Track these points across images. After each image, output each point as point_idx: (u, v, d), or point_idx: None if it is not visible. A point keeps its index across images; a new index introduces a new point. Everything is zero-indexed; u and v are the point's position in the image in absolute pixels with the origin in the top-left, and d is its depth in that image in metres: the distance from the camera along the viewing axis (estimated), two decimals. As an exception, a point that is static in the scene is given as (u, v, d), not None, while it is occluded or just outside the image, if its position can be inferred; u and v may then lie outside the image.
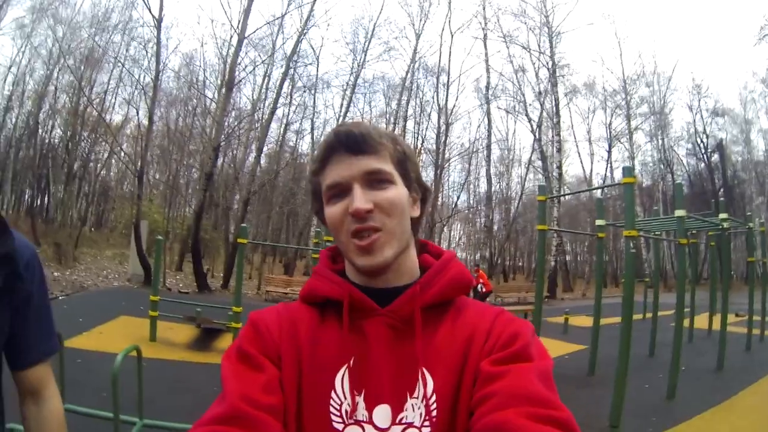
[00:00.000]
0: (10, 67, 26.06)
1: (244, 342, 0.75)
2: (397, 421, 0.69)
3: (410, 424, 0.69)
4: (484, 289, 14.66)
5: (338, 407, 0.70)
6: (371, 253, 0.74)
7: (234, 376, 0.69)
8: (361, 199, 0.74)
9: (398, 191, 0.77)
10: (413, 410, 0.69)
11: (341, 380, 0.72)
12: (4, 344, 1.04)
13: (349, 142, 0.76)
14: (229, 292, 16.49)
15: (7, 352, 1.06)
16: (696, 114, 33.78)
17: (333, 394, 0.71)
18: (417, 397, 0.70)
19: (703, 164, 34.50)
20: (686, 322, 8.10)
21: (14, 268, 1.00)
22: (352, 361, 0.73)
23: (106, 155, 31.43)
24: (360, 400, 0.70)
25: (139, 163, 18.24)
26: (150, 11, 17.33)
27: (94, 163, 31.55)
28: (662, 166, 33.56)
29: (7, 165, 27.64)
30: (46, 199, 29.71)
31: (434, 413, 0.69)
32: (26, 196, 32.10)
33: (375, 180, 0.76)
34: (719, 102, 34.11)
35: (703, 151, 34.11)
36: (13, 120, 27.18)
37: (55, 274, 15.92)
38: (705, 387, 6.86)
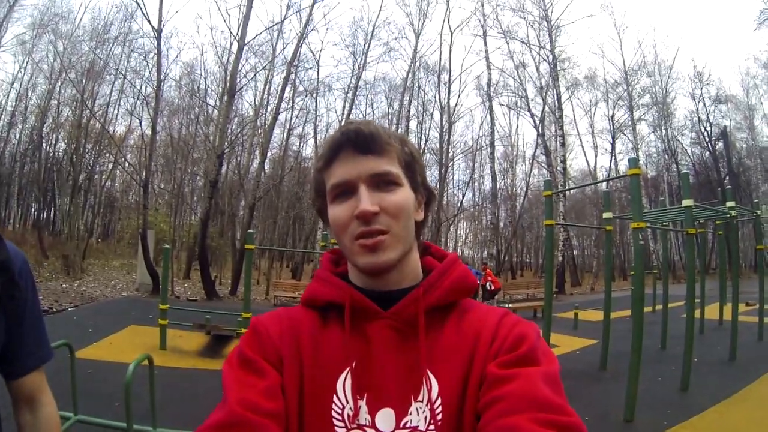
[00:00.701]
0: (12, 83, 26.35)
1: (245, 347, 0.74)
2: (401, 425, 0.68)
3: (415, 429, 0.67)
4: (492, 287, 14.61)
5: (340, 411, 0.69)
6: (375, 252, 0.72)
7: (235, 382, 0.68)
8: (367, 201, 0.72)
9: (405, 194, 0.76)
10: (418, 414, 0.68)
11: (343, 384, 0.70)
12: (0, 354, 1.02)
13: (357, 140, 0.74)
14: (237, 299, 16.51)
15: (1, 361, 1.04)
16: (699, 102, 33.56)
17: (335, 399, 0.70)
18: (422, 401, 0.68)
19: (707, 153, 34.22)
20: (697, 313, 8.04)
21: (10, 276, 0.98)
22: (354, 365, 0.71)
23: (110, 166, 31.77)
24: (362, 404, 0.69)
25: (144, 173, 18.31)
26: (149, 22, 17.39)
27: (98, 174, 31.87)
28: (666, 157, 33.33)
29: (12, 180, 27.90)
30: (52, 212, 29.95)
31: (439, 417, 0.67)
32: (32, 210, 32.51)
33: (382, 181, 0.75)
34: (722, 89, 33.90)
35: (707, 139, 33.84)
36: (18, 135, 27.48)
37: (64, 285, 16.01)
38: (718, 378, 6.80)
